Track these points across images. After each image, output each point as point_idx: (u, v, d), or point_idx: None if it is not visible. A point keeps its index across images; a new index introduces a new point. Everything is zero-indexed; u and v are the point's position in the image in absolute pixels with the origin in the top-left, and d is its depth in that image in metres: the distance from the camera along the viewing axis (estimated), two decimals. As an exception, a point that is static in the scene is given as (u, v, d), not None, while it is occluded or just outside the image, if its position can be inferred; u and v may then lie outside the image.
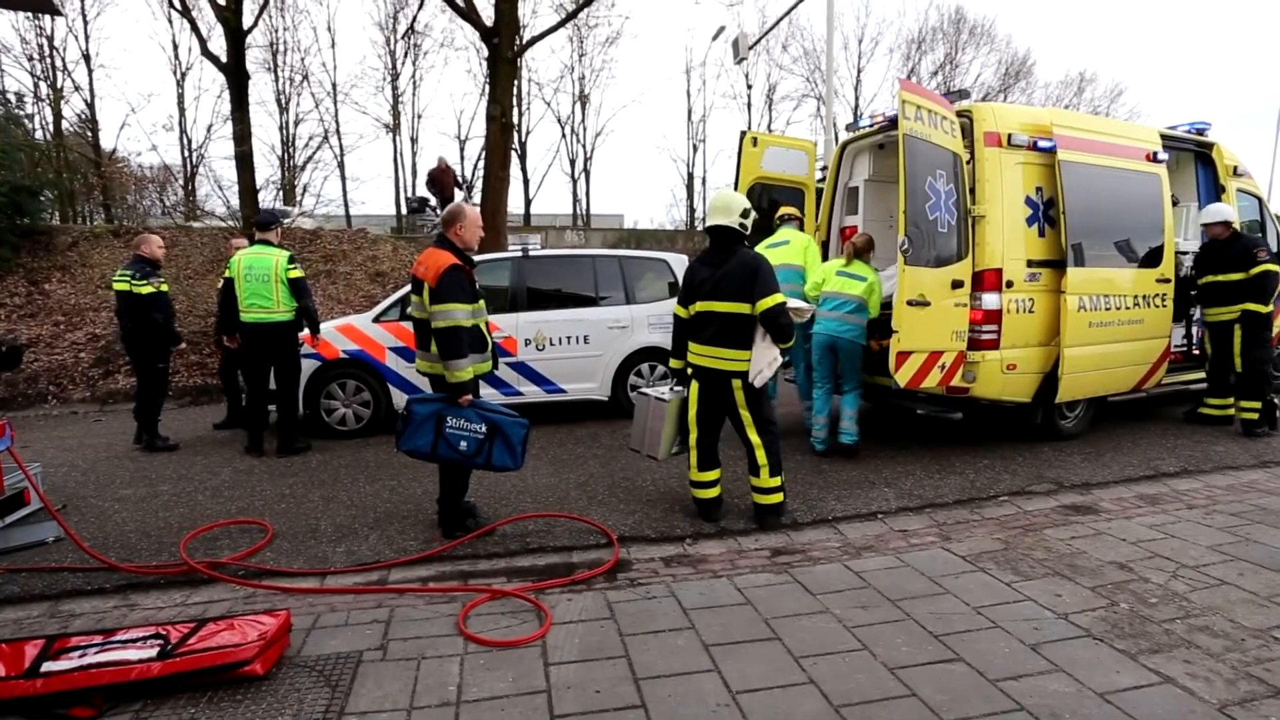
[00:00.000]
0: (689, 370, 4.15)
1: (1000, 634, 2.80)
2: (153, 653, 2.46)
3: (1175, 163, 6.35)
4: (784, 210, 6.08)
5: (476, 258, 5.78)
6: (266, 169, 20.52)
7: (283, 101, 21.52)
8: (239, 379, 6.78)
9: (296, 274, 5.77)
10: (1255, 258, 5.79)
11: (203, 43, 13.45)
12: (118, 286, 6.06)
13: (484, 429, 3.72)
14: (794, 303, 4.16)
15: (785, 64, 28.70)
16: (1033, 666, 2.56)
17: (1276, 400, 5.99)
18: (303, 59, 22.54)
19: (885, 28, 36.19)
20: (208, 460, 5.77)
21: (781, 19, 14.86)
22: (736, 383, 3.91)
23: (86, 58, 19.54)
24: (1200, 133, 6.65)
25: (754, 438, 3.98)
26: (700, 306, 3.99)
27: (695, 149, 27.16)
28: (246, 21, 12.66)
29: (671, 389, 4.39)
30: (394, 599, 3.21)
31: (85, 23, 19.52)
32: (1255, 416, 5.80)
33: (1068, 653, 2.65)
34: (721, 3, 34.11)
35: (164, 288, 6.16)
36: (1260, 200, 7.19)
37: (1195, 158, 6.65)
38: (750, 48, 13.85)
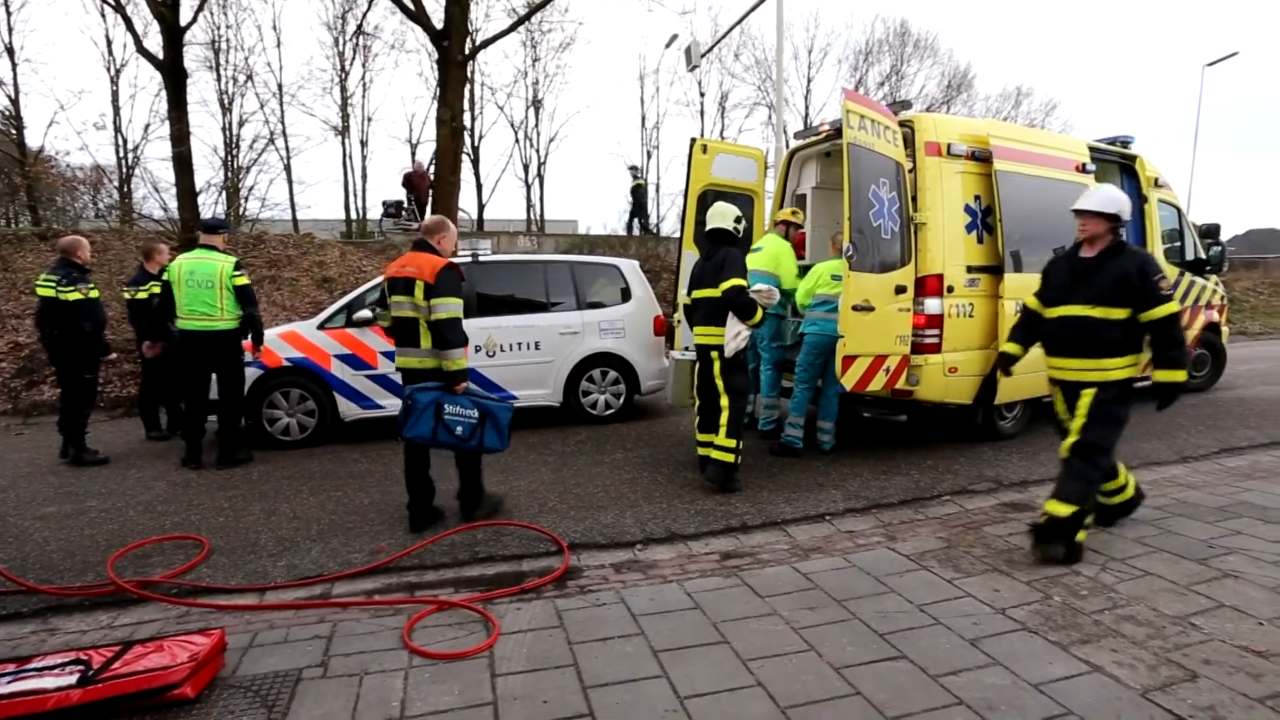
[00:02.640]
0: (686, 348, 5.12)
1: (941, 630, 2.87)
2: (72, 680, 2.33)
3: (1101, 174, 6.66)
4: (780, 216, 6.17)
5: None
6: (208, 171, 19.84)
7: (225, 102, 20.75)
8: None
9: (243, 281, 5.58)
10: (1157, 290, 3.47)
11: (138, 40, 12.86)
12: (42, 292, 5.75)
13: (476, 414, 4.01)
14: (758, 286, 4.86)
15: (737, 72, 29.14)
16: (972, 661, 2.64)
17: (1089, 505, 3.61)
18: (246, 58, 21.67)
19: (834, 39, 37.25)
20: (141, 474, 5.51)
21: (733, 28, 15.04)
22: (714, 354, 4.71)
23: (10, 51, 18.50)
24: (1125, 145, 7.01)
25: (723, 401, 4.71)
26: (695, 294, 4.88)
27: (649, 155, 27.23)
28: (185, 18, 12.12)
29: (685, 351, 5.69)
30: (337, 613, 3.12)
31: (9, 14, 18.51)
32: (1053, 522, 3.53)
33: (1004, 646, 2.73)
34: (674, 11, 34.36)
35: (94, 294, 5.87)
36: (1179, 211, 7.61)
37: (1120, 169, 7.00)
38: (703, 56, 13.98)
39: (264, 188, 25.96)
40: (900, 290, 5.10)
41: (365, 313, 6.36)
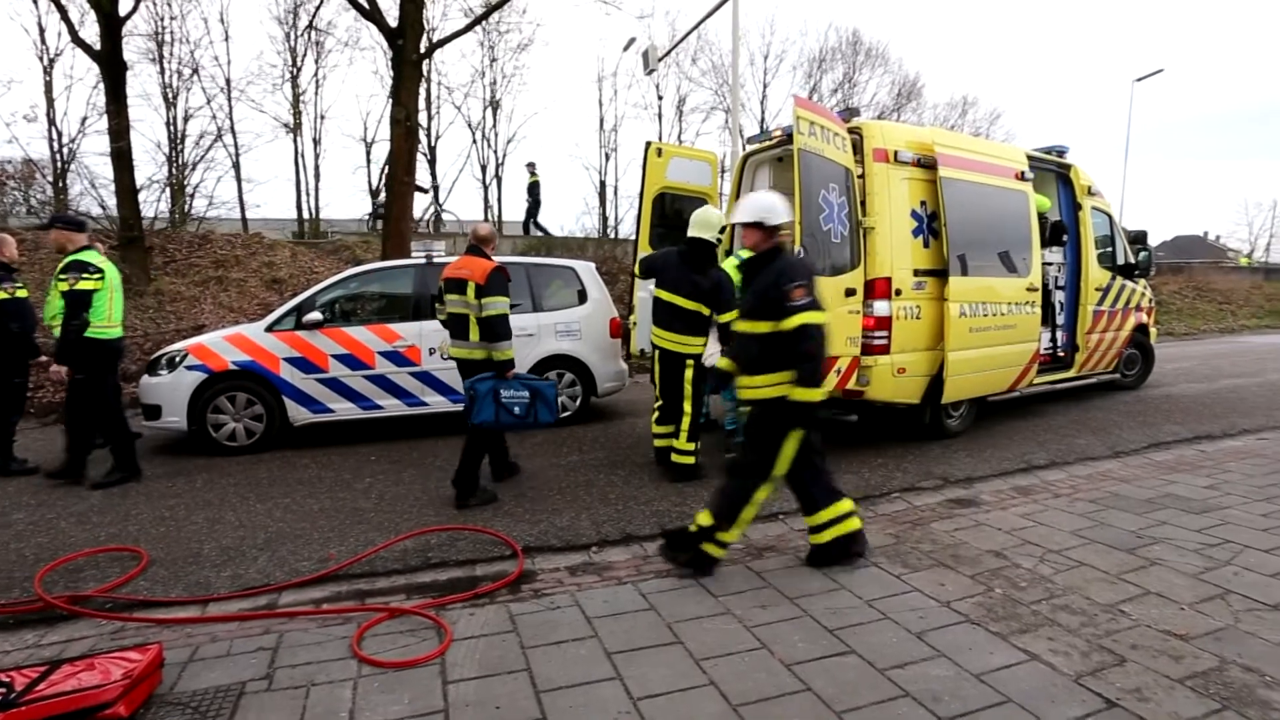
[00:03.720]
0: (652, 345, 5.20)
1: (889, 625, 2.95)
2: (-7, 702, 2.22)
3: (1038, 182, 6.94)
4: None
5: (377, 265, 7.12)
6: (150, 167, 18.98)
7: (170, 96, 19.86)
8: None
9: None
10: (786, 300, 3.24)
11: (72, 29, 12.23)
12: None
13: (528, 394, 4.52)
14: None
15: (695, 76, 29.20)
16: (917, 654, 2.71)
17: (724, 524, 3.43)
18: (192, 51, 20.82)
19: (789, 46, 37.75)
20: (73, 483, 5.26)
21: (689, 33, 15.18)
22: (689, 363, 4.90)
23: (-70, 38, 17.45)
24: (1060, 155, 7.31)
25: (686, 407, 4.92)
26: (664, 294, 4.94)
27: (607, 158, 27.12)
28: (124, 7, 11.60)
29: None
30: (283, 624, 3.04)
31: (-72, -1, 17.40)
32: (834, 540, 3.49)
33: (949, 638, 2.82)
34: (632, 15, 34.50)
35: (21, 294, 5.58)
36: (1111, 218, 7.99)
37: (1056, 177, 7.31)
38: (660, 59, 14.07)
39: (211, 185, 24.94)
40: (850, 293, 5.22)
41: (316, 314, 6.21)
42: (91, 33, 12.17)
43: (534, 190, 17.32)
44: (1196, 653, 2.69)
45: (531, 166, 17.53)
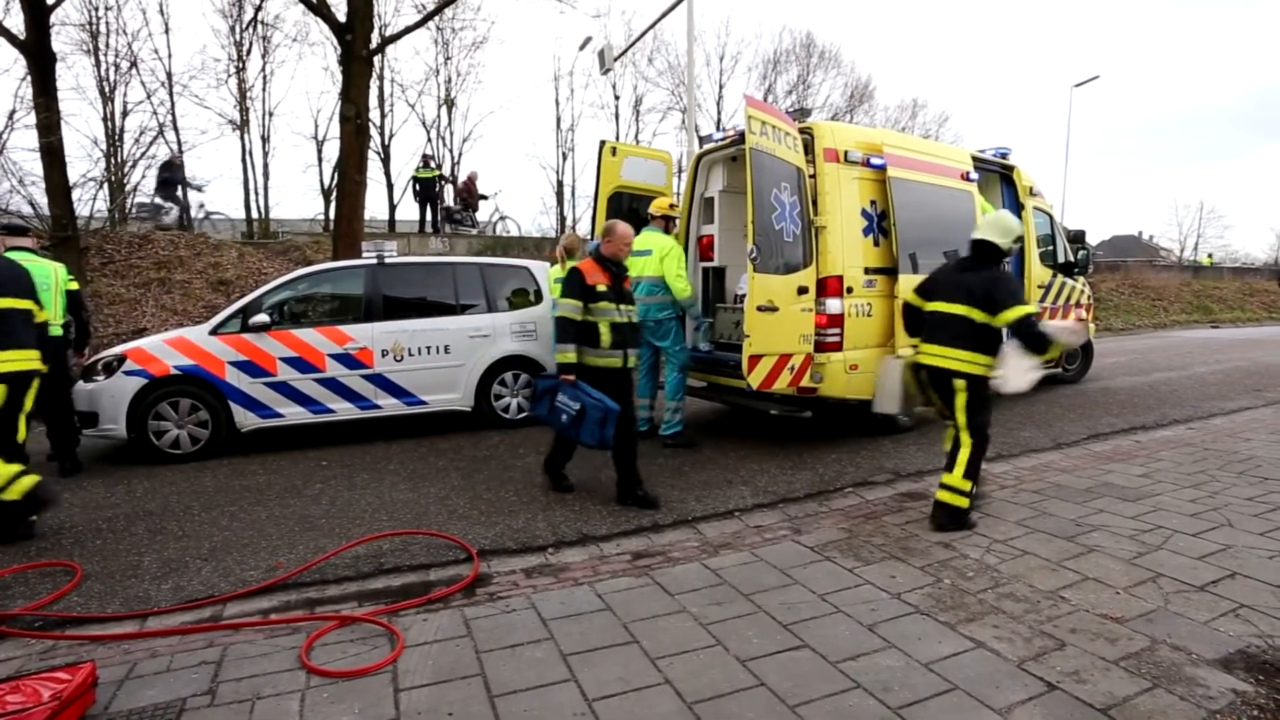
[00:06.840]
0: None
1: (842, 618, 3.00)
2: (-92, 730, 2.09)
3: (984, 182, 7.15)
4: (658, 209, 5.93)
5: (327, 265, 6.92)
6: (86, 163, 18.13)
7: (107, 90, 18.93)
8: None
9: None
10: None
11: (-6, 17, 11.60)
12: None
13: (577, 408, 4.37)
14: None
15: (651, 77, 29.16)
16: (869, 645, 2.77)
17: None
18: (130, 44, 19.87)
19: (744, 47, 37.99)
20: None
21: (645, 33, 15.20)
22: (959, 383, 4.04)
23: None
24: (1004, 157, 7.56)
25: (963, 437, 4.08)
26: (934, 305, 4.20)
27: (565, 157, 26.91)
28: (51, -4, 11.04)
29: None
30: (228, 636, 2.94)
31: None
32: None
33: (899, 629, 2.89)
34: (587, 14, 34.40)
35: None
36: (1051, 217, 8.29)
37: (1000, 178, 7.54)
38: (616, 59, 14.07)
39: (153, 183, 23.85)
40: (803, 291, 5.29)
41: (263, 317, 6.02)
42: (16, 21, 11.54)
43: (424, 186, 16.30)
44: (1130, 634, 2.81)
45: (427, 159, 16.85)
